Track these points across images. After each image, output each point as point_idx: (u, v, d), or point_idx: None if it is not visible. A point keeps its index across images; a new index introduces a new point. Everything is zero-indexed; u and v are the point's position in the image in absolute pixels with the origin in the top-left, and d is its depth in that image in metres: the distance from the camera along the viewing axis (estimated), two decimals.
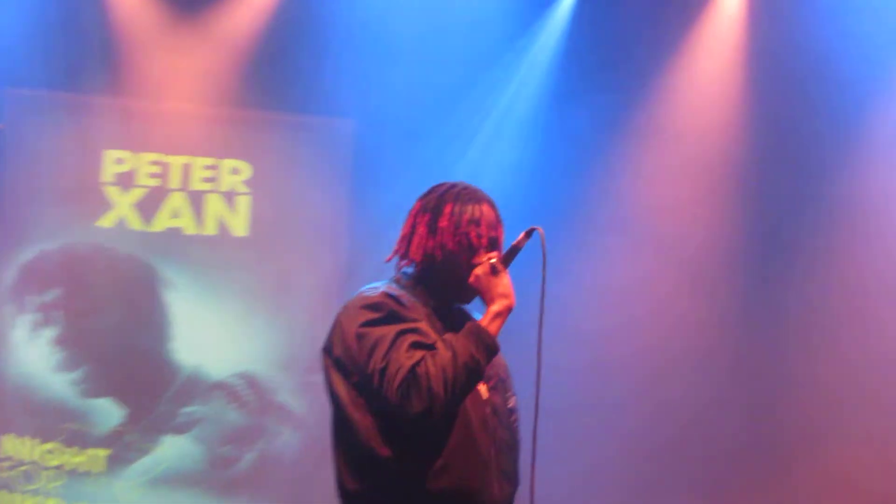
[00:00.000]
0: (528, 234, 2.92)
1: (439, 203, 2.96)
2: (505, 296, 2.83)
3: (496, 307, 2.82)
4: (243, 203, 6.58)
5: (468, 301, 2.98)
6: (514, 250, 2.93)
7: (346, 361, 2.80)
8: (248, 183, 6.58)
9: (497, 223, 2.98)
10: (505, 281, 2.86)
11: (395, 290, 2.88)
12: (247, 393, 6.45)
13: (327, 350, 2.88)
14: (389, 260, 3.03)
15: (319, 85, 6.51)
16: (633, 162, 6.59)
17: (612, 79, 6.54)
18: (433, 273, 2.93)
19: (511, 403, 2.99)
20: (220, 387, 6.45)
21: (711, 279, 6.50)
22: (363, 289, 2.92)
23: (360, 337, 2.77)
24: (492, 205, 2.99)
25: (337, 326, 2.86)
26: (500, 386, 2.96)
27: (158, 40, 6.50)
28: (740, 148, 6.55)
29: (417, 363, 2.67)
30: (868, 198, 6.32)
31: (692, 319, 6.41)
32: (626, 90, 6.58)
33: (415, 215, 3.00)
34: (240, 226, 6.57)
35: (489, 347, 2.75)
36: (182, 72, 6.53)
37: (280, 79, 6.57)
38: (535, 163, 6.60)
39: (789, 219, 6.49)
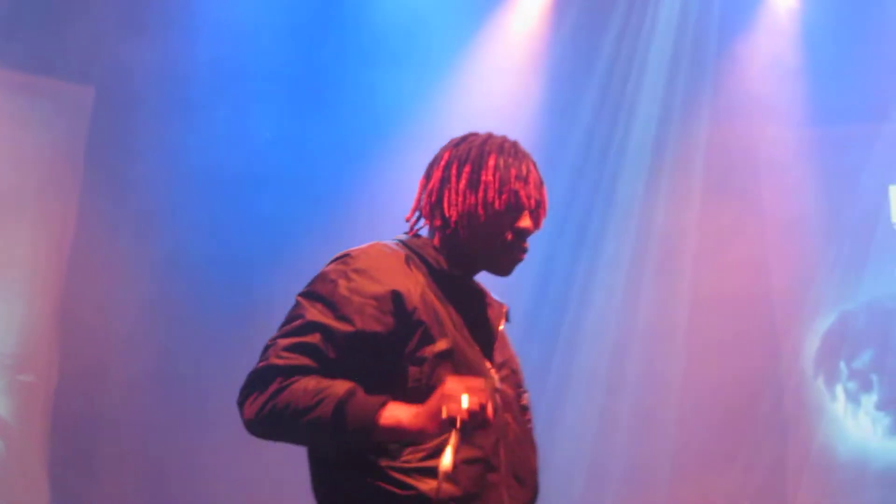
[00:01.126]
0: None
1: (481, 154, 2.60)
2: (436, 414, 2.29)
3: (424, 411, 2.32)
4: None
5: (505, 273, 2.62)
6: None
7: None
8: None
9: (542, 183, 2.65)
10: (460, 404, 2.28)
11: (385, 254, 2.52)
12: None
13: None
14: (410, 218, 2.66)
15: (57, 42, 5.87)
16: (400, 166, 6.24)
17: (390, 72, 6.31)
18: (468, 235, 2.58)
19: (524, 401, 2.64)
20: None
21: None
22: (359, 246, 2.56)
23: (295, 301, 2.50)
24: (534, 162, 2.66)
25: None
26: (513, 378, 2.63)
27: None
28: None
29: (280, 369, 2.35)
30: None
31: None
32: (402, 85, 6.35)
33: (445, 167, 2.62)
34: None
35: (361, 431, 2.31)
36: None
37: (6, 28, 5.81)
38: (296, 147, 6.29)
39: None
